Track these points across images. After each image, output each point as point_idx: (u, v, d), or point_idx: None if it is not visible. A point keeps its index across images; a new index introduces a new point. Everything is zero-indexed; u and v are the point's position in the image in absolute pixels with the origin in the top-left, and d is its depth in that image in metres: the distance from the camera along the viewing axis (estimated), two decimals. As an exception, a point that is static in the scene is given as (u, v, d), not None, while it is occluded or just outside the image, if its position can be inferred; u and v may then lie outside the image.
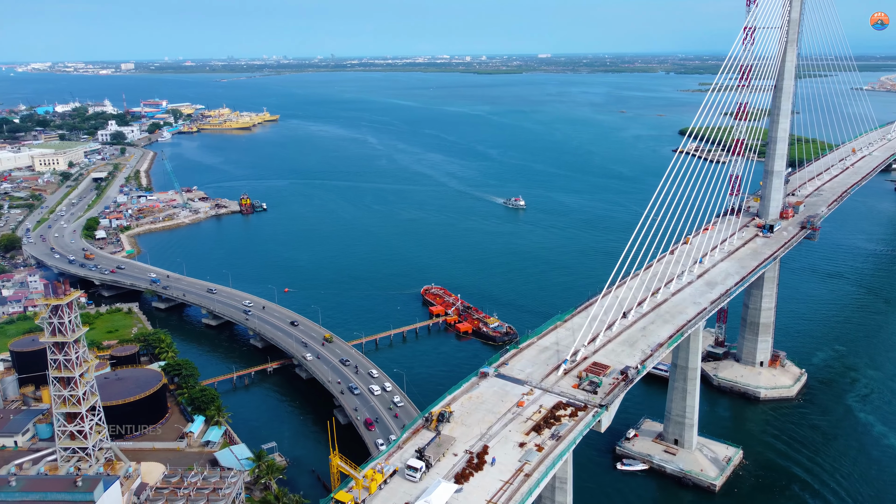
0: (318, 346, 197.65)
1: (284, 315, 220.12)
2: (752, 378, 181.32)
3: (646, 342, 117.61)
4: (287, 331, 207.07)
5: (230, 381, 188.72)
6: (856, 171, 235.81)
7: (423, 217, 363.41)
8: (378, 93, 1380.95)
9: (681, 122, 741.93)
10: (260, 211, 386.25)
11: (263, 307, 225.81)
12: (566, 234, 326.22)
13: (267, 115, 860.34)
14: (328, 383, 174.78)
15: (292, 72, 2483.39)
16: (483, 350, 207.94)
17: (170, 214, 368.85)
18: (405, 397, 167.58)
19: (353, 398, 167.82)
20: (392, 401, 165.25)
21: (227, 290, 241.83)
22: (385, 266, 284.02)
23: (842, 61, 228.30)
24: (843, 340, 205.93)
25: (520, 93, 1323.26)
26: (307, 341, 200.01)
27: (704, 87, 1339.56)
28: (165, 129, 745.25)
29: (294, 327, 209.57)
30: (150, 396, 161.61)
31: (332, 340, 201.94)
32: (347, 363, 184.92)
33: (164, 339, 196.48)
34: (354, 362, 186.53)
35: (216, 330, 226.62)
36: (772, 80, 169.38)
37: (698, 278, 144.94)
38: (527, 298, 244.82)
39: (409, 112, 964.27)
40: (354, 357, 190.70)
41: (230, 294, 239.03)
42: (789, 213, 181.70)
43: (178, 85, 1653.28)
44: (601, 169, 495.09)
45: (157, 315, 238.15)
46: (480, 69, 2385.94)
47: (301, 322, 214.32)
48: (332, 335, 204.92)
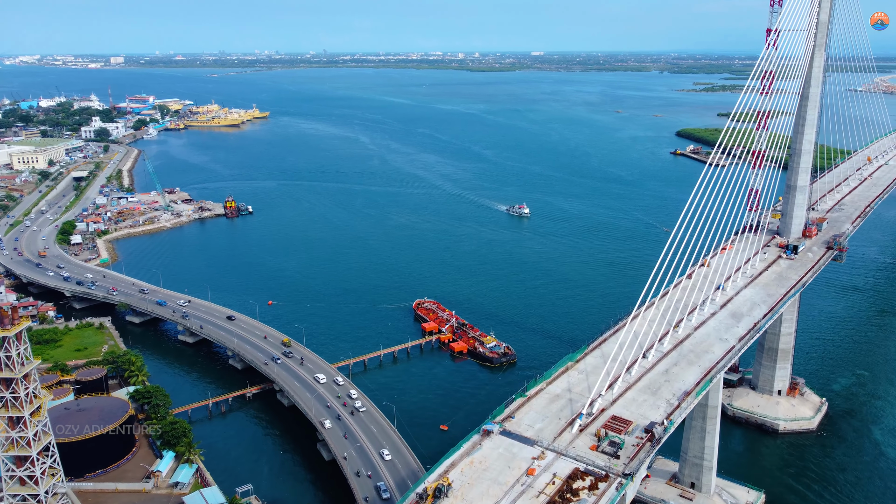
0: (297, 366, 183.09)
1: (265, 333, 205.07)
2: (769, 408, 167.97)
3: (670, 389, 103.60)
4: (268, 351, 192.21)
5: (206, 409, 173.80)
6: (875, 182, 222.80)
7: (417, 223, 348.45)
8: (370, 89, 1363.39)
9: (679, 124, 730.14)
10: (245, 214, 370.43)
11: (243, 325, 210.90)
12: (567, 242, 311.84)
13: (256, 112, 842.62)
14: (310, 413, 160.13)
15: (284, 67, 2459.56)
16: (480, 373, 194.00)
17: (150, 218, 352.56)
18: (394, 430, 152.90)
19: (337, 432, 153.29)
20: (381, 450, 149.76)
21: (206, 305, 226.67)
22: (375, 276, 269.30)
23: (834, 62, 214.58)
24: (865, 364, 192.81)
25: (514, 91, 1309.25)
26: (289, 363, 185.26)
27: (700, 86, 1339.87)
28: (151, 125, 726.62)
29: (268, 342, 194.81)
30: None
31: (290, 345, 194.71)
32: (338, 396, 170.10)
33: (135, 361, 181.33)
34: (340, 390, 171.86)
35: (193, 347, 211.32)
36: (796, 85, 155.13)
37: (721, 308, 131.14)
38: (527, 315, 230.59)
39: (402, 110, 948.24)
40: (339, 383, 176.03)
41: (209, 308, 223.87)
42: (812, 231, 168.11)
43: (168, 80, 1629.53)
44: (599, 172, 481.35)
45: (131, 330, 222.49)
46: (474, 66, 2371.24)
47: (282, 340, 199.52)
48: (290, 340, 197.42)
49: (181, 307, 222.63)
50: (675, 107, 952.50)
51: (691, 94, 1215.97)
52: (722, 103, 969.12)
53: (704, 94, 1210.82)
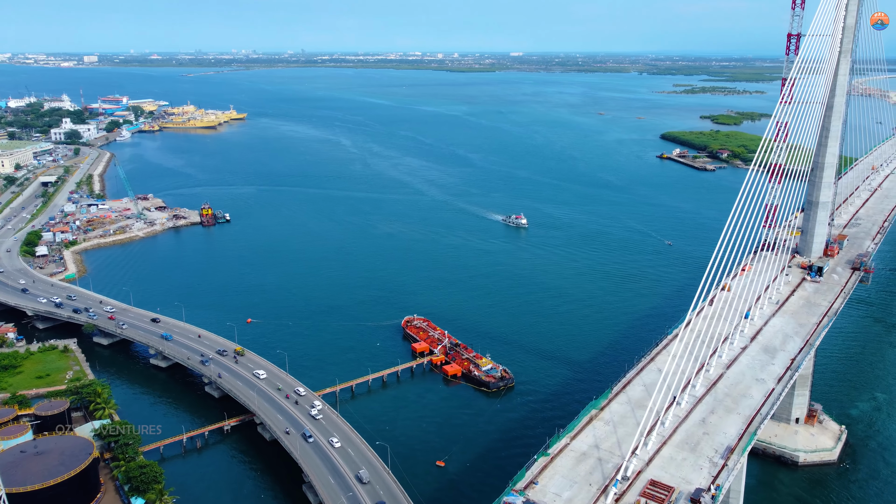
0: (282, 398, 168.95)
1: (251, 361, 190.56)
2: (788, 439, 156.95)
3: (711, 444, 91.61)
4: (248, 380, 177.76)
5: (179, 444, 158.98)
6: (886, 193, 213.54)
7: (403, 232, 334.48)
8: (350, 90, 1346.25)
9: (662, 126, 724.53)
10: (222, 222, 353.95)
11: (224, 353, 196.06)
12: (562, 253, 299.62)
13: (234, 114, 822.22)
14: (294, 452, 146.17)
15: (262, 67, 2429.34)
16: (476, 399, 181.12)
17: (122, 227, 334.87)
18: (391, 475, 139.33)
19: (325, 473, 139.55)
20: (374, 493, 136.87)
21: (181, 325, 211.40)
22: (360, 291, 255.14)
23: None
24: (883, 387, 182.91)
25: (495, 92, 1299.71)
26: (272, 393, 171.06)
27: (679, 88, 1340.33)
28: (125, 127, 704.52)
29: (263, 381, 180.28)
30: (77, 476, 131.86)
31: (243, 354, 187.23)
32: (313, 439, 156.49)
33: (101, 392, 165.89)
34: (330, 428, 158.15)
35: (166, 373, 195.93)
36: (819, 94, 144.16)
37: (752, 342, 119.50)
38: (523, 333, 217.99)
39: (384, 111, 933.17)
40: (327, 416, 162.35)
41: (183, 330, 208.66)
42: (834, 249, 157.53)
43: (143, 79, 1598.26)
44: (588, 177, 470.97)
45: (99, 353, 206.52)
46: (453, 67, 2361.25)
47: (263, 367, 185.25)
48: (243, 349, 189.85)
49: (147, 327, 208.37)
50: (657, 109, 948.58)
51: (672, 95, 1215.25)
52: (703, 105, 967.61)
53: (685, 95, 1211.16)
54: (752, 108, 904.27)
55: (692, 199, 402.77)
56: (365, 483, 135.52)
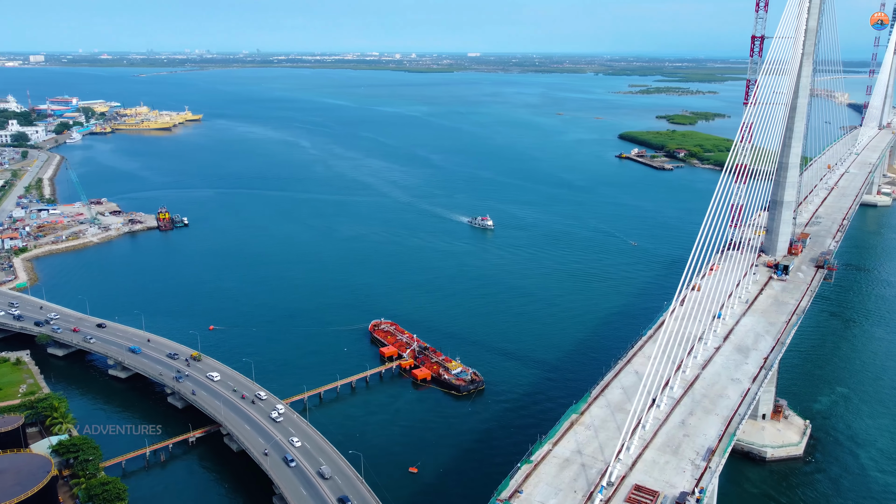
0: (248, 406, 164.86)
1: (207, 366, 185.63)
2: (755, 434, 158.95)
3: (692, 446, 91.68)
4: (212, 389, 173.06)
5: (143, 458, 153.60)
6: (843, 192, 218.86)
7: (368, 234, 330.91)
8: (309, 91, 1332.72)
9: (620, 126, 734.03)
10: (181, 226, 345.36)
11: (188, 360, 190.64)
12: (527, 254, 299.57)
13: (189, 115, 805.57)
14: (264, 463, 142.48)
15: (217, 67, 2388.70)
16: (446, 403, 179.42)
17: (75, 232, 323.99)
18: (364, 484, 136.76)
19: (296, 485, 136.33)
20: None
21: (125, 329, 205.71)
22: (326, 295, 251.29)
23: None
24: (845, 381, 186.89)
25: (455, 92, 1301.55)
26: (239, 403, 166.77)
27: (635, 88, 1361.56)
28: (75, 129, 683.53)
29: (217, 383, 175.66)
30: (35, 496, 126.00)
31: (200, 359, 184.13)
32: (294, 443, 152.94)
33: (58, 406, 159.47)
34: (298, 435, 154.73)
35: (126, 384, 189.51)
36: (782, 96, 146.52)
37: (725, 341, 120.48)
38: (492, 335, 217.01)
39: (343, 112, 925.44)
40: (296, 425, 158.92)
41: (127, 333, 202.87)
42: (798, 248, 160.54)
43: (93, 80, 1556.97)
44: (550, 177, 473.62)
45: (54, 365, 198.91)
46: (412, 67, 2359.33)
47: (225, 373, 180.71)
48: (200, 354, 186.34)
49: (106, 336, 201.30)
50: (614, 109, 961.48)
51: (628, 96, 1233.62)
52: (659, 105, 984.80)
53: (640, 96, 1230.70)
54: (705, 108, 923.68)
55: (653, 198, 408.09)
56: (327, 479, 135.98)
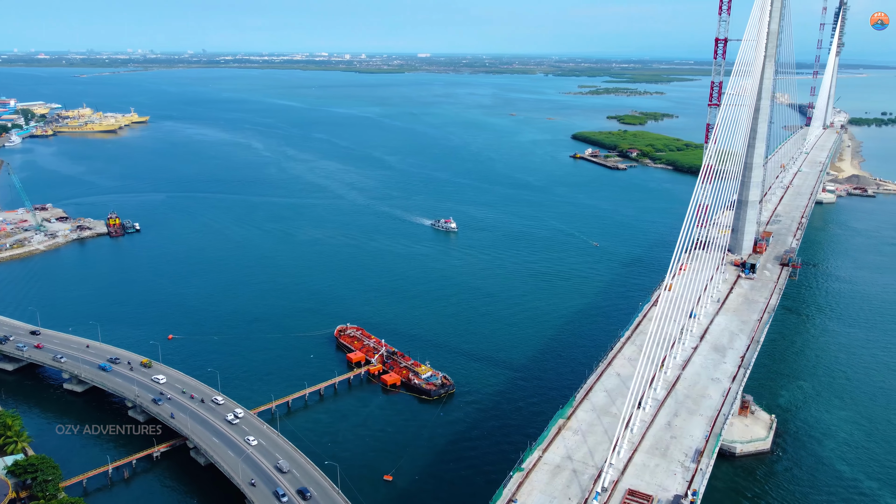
0: (219, 422, 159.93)
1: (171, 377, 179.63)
2: (724, 431, 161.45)
3: (680, 448, 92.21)
4: (179, 402, 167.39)
5: (105, 476, 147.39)
6: (798, 190, 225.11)
7: (328, 238, 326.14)
8: (258, 92, 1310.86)
9: (572, 126, 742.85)
10: (132, 232, 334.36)
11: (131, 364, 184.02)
12: (489, 255, 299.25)
13: (135, 117, 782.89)
14: (235, 476, 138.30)
15: (161, 67, 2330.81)
16: (417, 408, 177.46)
17: (20, 240, 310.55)
18: (340, 495, 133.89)
19: (269, 497, 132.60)
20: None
21: (98, 346, 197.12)
22: (288, 300, 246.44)
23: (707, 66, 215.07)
24: (804, 375, 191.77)
25: (407, 93, 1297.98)
26: (206, 415, 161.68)
27: (585, 89, 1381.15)
28: (14, 132, 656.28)
29: (185, 396, 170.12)
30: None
31: (150, 366, 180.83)
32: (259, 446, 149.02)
33: (12, 424, 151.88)
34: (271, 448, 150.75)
35: (83, 397, 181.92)
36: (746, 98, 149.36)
37: (701, 341, 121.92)
38: (459, 337, 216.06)
39: (295, 113, 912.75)
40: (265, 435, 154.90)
41: (99, 350, 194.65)
42: (762, 246, 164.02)
43: (31, 80, 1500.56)
44: (506, 178, 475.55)
45: (4, 380, 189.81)
46: (362, 68, 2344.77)
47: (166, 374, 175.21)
48: (150, 361, 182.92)
49: None
50: (566, 109, 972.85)
51: (578, 96, 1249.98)
52: (608, 106, 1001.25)
53: (590, 96, 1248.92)
54: (654, 109, 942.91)
55: (609, 197, 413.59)
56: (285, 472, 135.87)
